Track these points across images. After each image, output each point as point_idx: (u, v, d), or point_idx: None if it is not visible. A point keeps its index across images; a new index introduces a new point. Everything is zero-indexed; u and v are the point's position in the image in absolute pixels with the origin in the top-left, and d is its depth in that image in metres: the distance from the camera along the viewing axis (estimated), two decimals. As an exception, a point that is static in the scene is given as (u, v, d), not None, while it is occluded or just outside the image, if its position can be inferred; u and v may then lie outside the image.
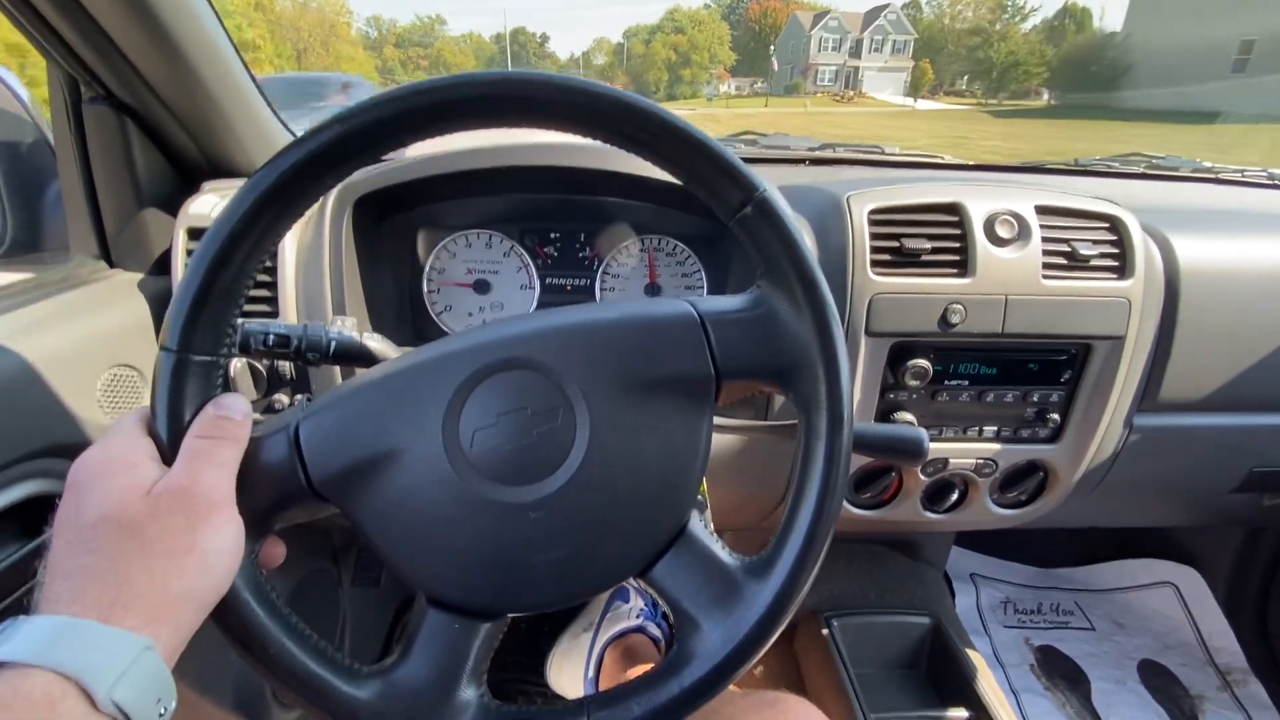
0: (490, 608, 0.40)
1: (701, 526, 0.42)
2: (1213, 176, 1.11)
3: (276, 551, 0.43)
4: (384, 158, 0.67)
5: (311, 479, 0.38)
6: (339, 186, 0.68)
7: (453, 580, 0.39)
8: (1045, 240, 0.73)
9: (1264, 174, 1.10)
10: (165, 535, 0.32)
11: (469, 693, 0.39)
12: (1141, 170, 1.12)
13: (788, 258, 0.40)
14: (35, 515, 0.61)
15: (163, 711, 0.30)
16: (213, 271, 0.35)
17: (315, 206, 0.63)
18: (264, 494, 0.38)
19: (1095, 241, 0.74)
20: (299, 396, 0.54)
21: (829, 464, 0.40)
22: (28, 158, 0.80)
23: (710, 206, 0.41)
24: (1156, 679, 1.30)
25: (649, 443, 0.40)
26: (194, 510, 0.33)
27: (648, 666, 0.95)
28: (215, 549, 0.33)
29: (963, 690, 0.94)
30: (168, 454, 0.36)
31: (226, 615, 0.36)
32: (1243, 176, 1.11)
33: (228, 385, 0.52)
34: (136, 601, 0.30)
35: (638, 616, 1.09)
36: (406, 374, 0.41)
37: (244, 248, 0.36)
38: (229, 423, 0.36)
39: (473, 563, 0.39)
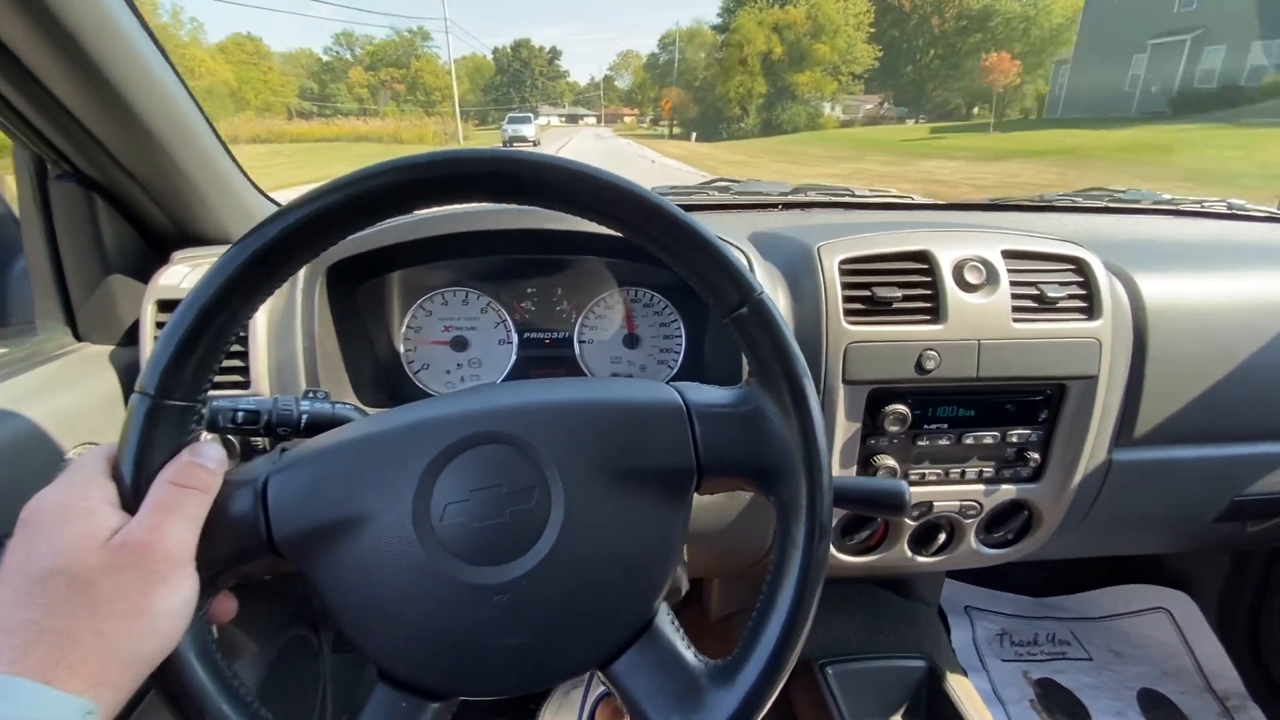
0: (441, 689, 0.39)
1: (669, 622, 0.41)
2: (1173, 209, 1.14)
3: (227, 607, 0.41)
4: None
5: (274, 536, 0.37)
6: None
7: (405, 656, 0.38)
8: (1013, 284, 0.74)
9: (1223, 204, 1.14)
10: (118, 595, 0.30)
11: None
12: (1105, 204, 1.15)
13: (780, 363, 0.40)
14: None
15: None
16: (203, 316, 0.35)
17: None
18: (222, 547, 0.37)
19: (1062, 284, 0.75)
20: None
21: (804, 574, 0.39)
22: (-7, 232, 0.79)
23: (706, 301, 0.42)
24: (1157, 709, 1.29)
25: (623, 532, 0.39)
26: (152, 569, 0.32)
27: None
28: (167, 610, 0.32)
29: (962, 735, 0.93)
30: (130, 500, 0.34)
31: (165, 674, 0.34)
32: (1202, 208, 1.14)
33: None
34: (81, 665, 0.29)
35: None
36: (383, 438, 0.40)
37: (238, 297, 0.35)
38: (203, 472, 0.35)
39: (428, 641, 0.38)
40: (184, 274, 0.74)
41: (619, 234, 0.41)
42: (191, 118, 0.73)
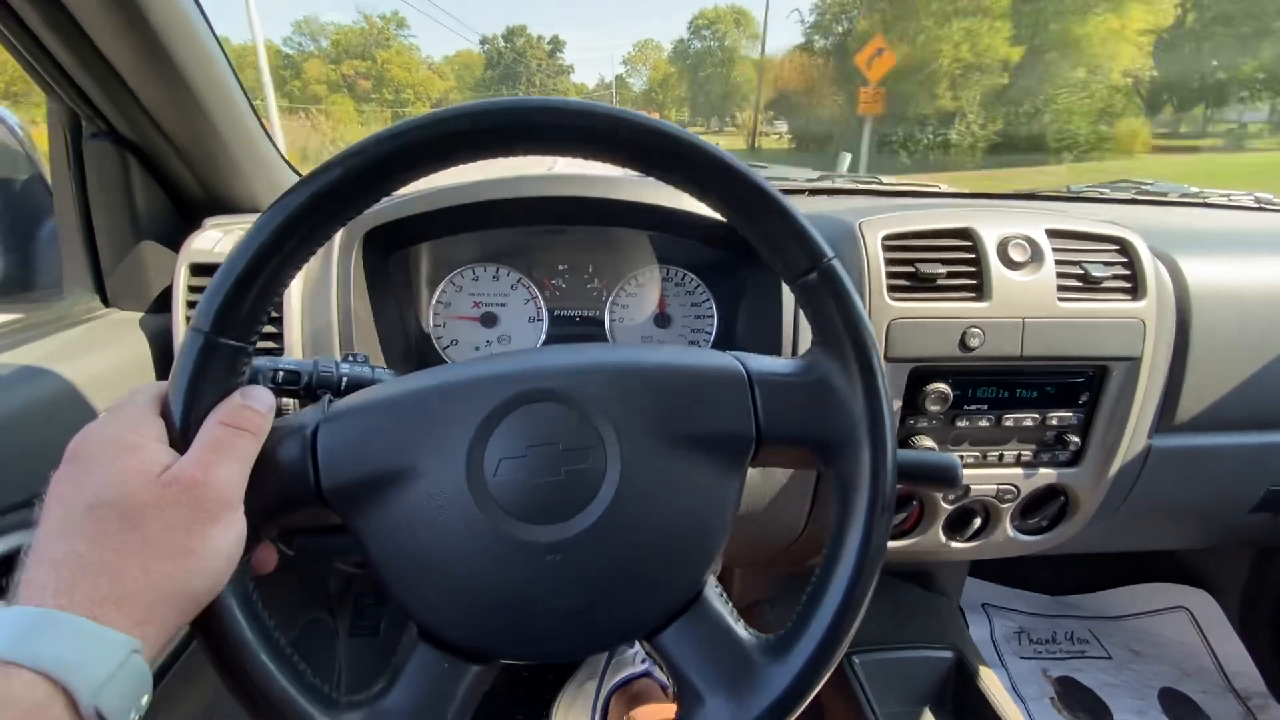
0: (485, 651, 0.38)
1: (717, 595, 0.40)
2: (1201, 201, 1.13)
3: (269, 557, 0.40)
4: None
5: (322, 485, 0.36)
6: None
7: (450, 616, 0.37)
8: (1058, 263, 0.73)
9: (1250, 198, 1.13)
10: (169, 531, 0.29)
11: None
12: (1132, 196, 1.14)
13: (847, 331, 0.39)
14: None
15: (135, 714, 0.28)
16: (261, 256, 0.34)
17: None
18: (269, 493, 0.36)
19: (1106, 263, 0.75)
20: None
21: (864, 549, 0.38)
22: (20, 194, 0.78)
23: (772, 264, 0.41)
24: (1179, 708, 1.27)
25: (677, 497, 0.38)
26: (203, 507, 0.31)
27: (652, 712, 0.91)
28: (217, 550, 0.31)
29: (992, 727, 0.91)
30: (179, 439, 0.33)
31: (208, 622, 0.33)
32: (1229, 200, 1.14)
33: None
34: (129, 600, 0.28)
35: (642, 662, 1.05)
36: (438, 391, 0.39)
37: (294, 240, 0.35)
38: (254, 415, 0.34)
39: (475, 601, 0.36)
40: (217, 239, 0.72)
41: (691, 195, 0.39)
42: (231, 83, 0.72)
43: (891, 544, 0.83)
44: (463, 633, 0.37)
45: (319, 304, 0.71)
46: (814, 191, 1.11)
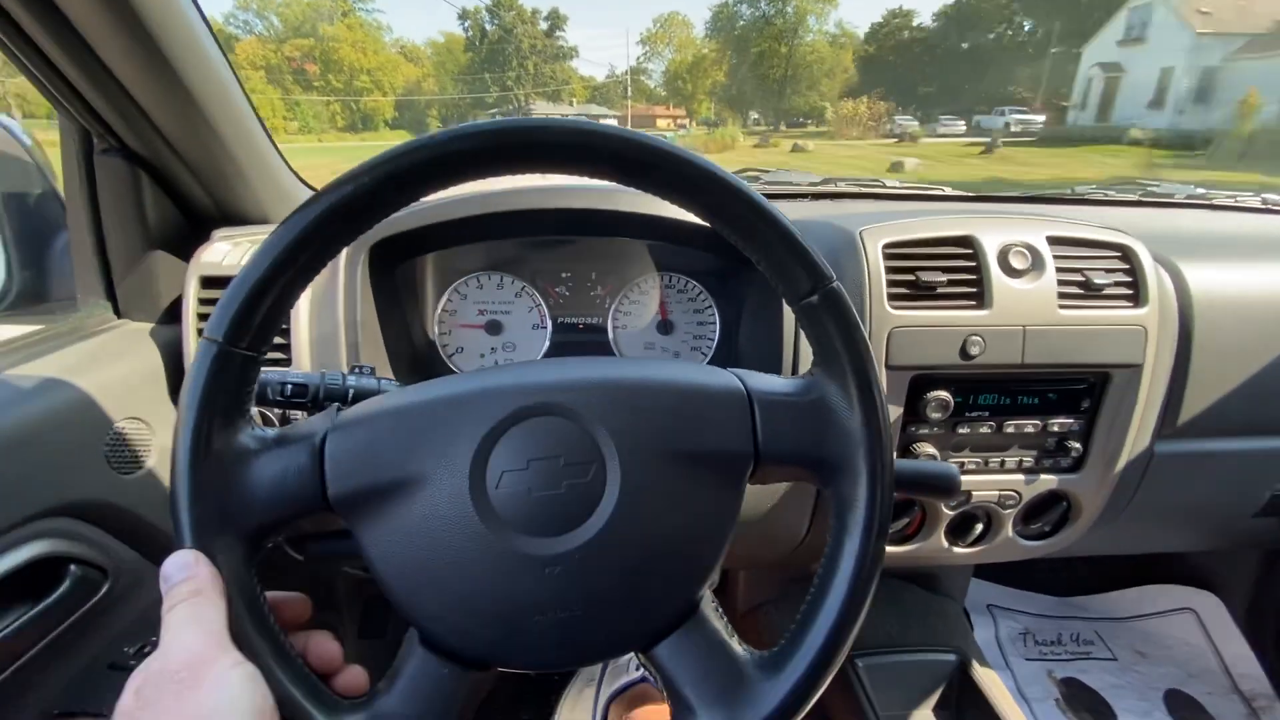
0: (482, 658, 0.38)
1: (713, 609, 0.40)
2: (1207, 203, 1.13)
3: (303, 611, 0.41)
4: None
5: (329, 492, 0.37)
6: None
7: (450, 624, 0.38)
8: (1059, 270, 0.73)
9: (1257, 199, 1.12)
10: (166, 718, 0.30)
11: None
12: (1138, 198, 1.14)
13: (848, 354, 0.39)
14: (42, 577, 0.58)
15: None
16: (275, 269, 0.35)
17: None
18: (278, 499, 0.37)
19: (1108, 270, 0.75)
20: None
21: (859, 570, 0.38)
22: (34, 208, 0.79)
23: (774, 284, 0.41)
24: (1183, 709, 1.27)
25: (676, 513, 0.39)
26: (180, 683, 0.31)
27: (652, 714, 0.92)
28: (215, 711, 0.31)
29: (995, 730, 0.92)
30: (190, 450, 0.35)
31: None
32: (1236, 202, 1.13)
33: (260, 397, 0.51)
34: None
35: (638, 668, 1.06)
36: (445, 402, 0.40)
37: (308, 253, 0.36)
38: (176, 588, 0.34)
39: (474, 610, 0.37)
40: (225, 251, 0.74)
41: (697, 215, 0.40)
42: (239, 98, 0.73)
43: (894, 549, 0.83)
44: (461, 640, 0.38)
45: (326, 314, 0.72)
46: (816, 195, 1.11)
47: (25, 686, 0.58)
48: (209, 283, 0.72)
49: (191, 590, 0.34)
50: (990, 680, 0.98)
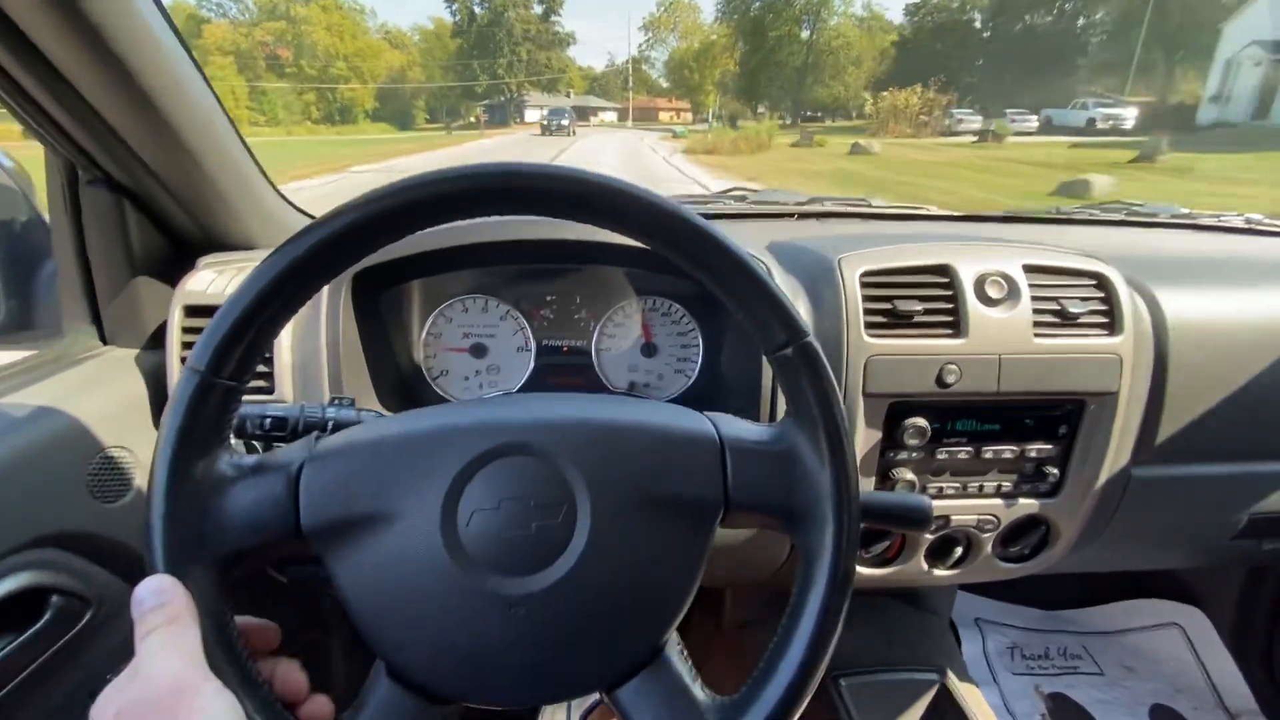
0: (447, 693, 0.39)
1: (678, 653, 0.41)
2: (1190, 223, 1.14)
3: (271, 637, 0.42)
4: None
5: (302, 523, 0.38)
6: None
7: (416, 658, 0.38)
8: (1035, 299, 0.74)
9: (1240, 219, 1.13)
10: None
11: None
12: (1122, 218, 1.15)
13: (820, 409, 0.40)
14: (24, 607, 0.59)
15: None
16: (260, 301, 0.36)
17: None
18: (250, 527, 0.37)
19: (1084, 299, 0.75)
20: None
21: (821, 622, 0.39)
22: (19, 234, 0.80)
23: (750, 333, 0.42)
24: (1169, 725, 1.28)
25: (644, 557, 0.40)
26: (164, 711, 0.31)
27: None
28: None
29: (976, 750, 0.92)
30: (167, 478, 0.35)
31: None
32: (1219, 222, 1.14)
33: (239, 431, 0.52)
34: None
35: None
36: (419, 437, 0.41)
37: (294, 284, 0.37)
38: (150, 613, 0.34)
39: (441, 644, 0.38)
40: (210, 279, 0.74)
41: (675, 262, 0.41)
42: (221, 126, 0.74)
43: (874, 572, 0.84)
44: (427, 674, 0.38)
45: (309, 341, 0.73)
46: (802, 215, 1.12)
47: (6, 717, 0.58)
48: (193, 311, 0.73)
49: (168, 616, 0.34)
50: (973, 699, 0.99)
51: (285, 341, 0.73)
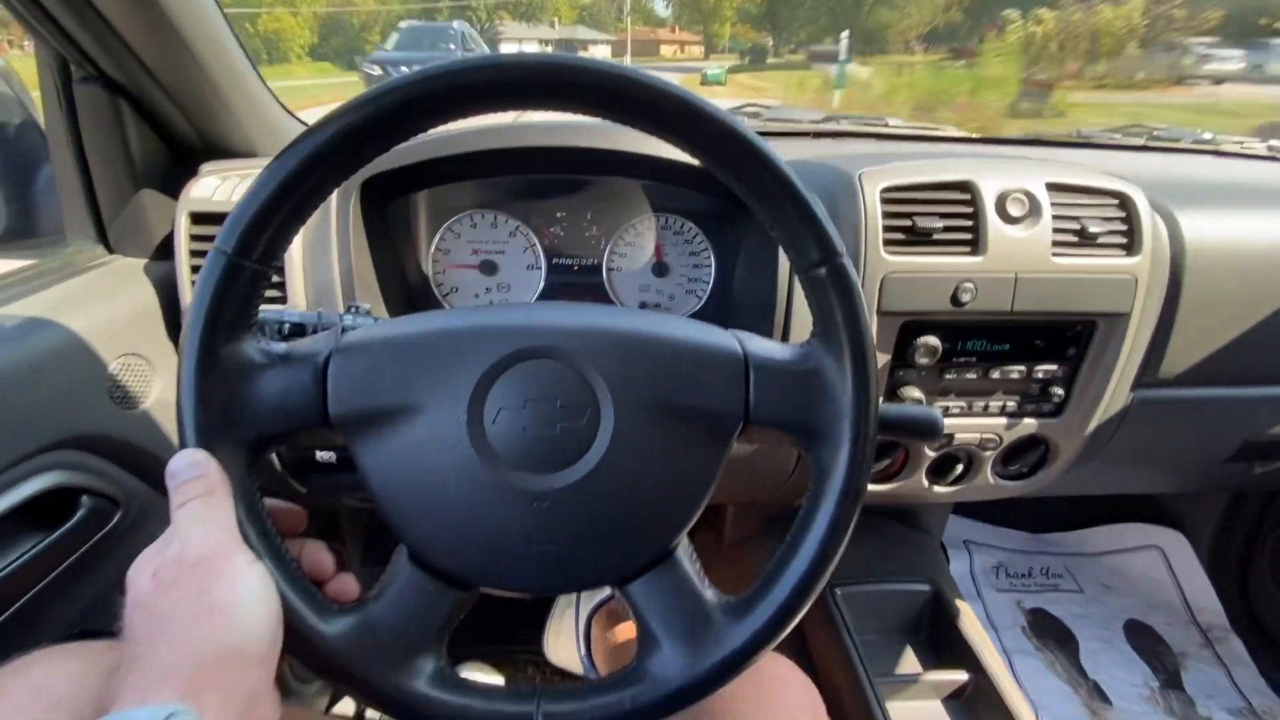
0: (468, 580, 0.41)
1: (688, 555, 0.42)
2: (1213, 149, 1.11)
3: (299, 520, 0.44)
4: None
5: (329, 412, 0.39)
6: None
7: (439, 545, 0.40)
8: (1056, 218, 0.73)
9: (1264, 146, 1.11)
10: (180, 606, 0.31)
11: (429, 654, 0.40)
12: (1143, 143, 1.12)
13: (848, 330, 0.40)
14: (52, 508, 0.60)
15: None
16: (290, 183, 0.36)
17: None
18: (279, 413, 0.38)
19: (1105, 219, 0.74)
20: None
21: (830, 532, 0.40)
22: (16, 141, 0.77)
23: (783, 248, 0.41)
24: (1141, 638, 1.36)
25: (662, 464, 0.40)
26: (197, 573, 0.32)
27: (631, 629, 0.99)
28: (235, 603, 0.32)
29: (962, 653, 0.98)
30: (197, 362, 0.35)
31: None
32: (1242, 148, 1.11)
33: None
34: (171, 675, 0.30)
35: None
36: (450, 335, 0.41)
37: (321, 170, 0.36)
38: (186, 484, 0.35)
39: (463, 534, 0.39)
40: (215, 186, 0.72)
41: (710, 170, 0.40)
42: (221, 28, 0.70)
43: (876, 488, 0.87)
44: (448, 561, 0.40)
45: (320, 256, 0.72)
46: (818, 134, 1.09)
47: (44, 610, 0.61)
48: (200, 219, 0.71)
49: (203, 488, 0.35)
50: (962, 609, 1.04)
51: (297, 256, 0.72)
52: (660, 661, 0.40)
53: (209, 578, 0.32)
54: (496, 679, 1.11)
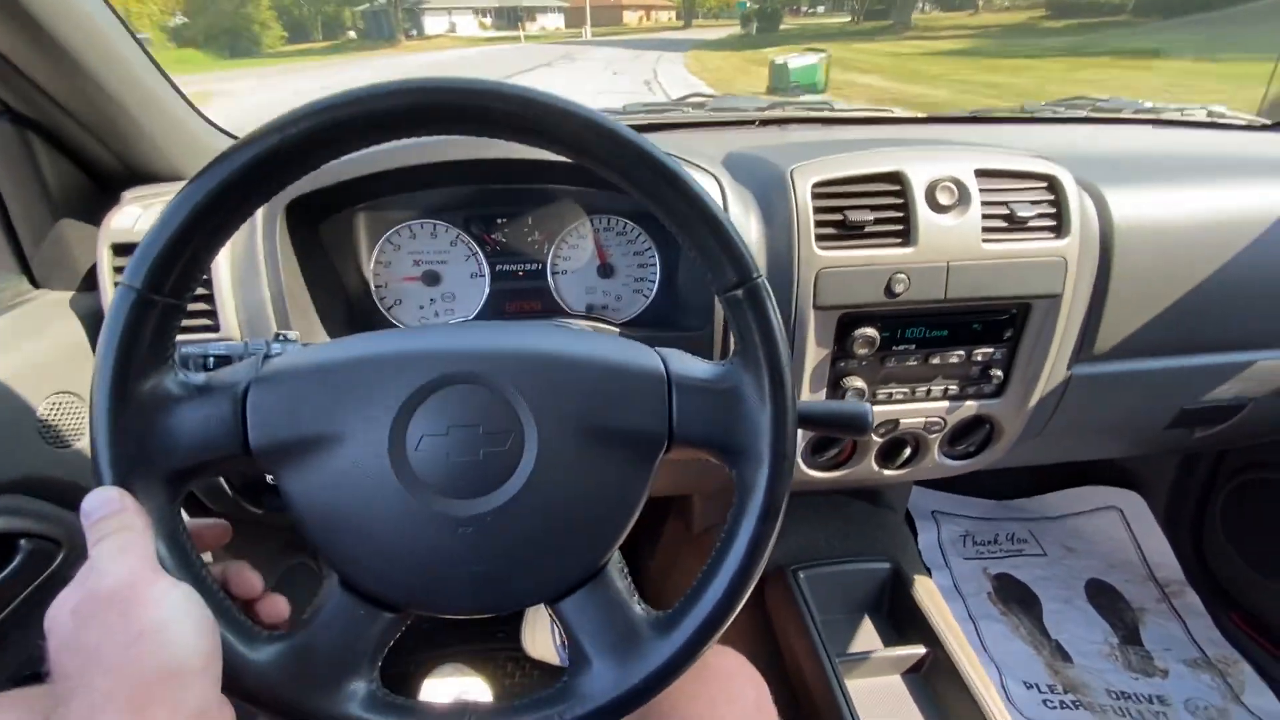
0: (398, 603, 0.41)
1: (619, 572, 0.43)
2: (1154, 118, 1.12)
3: (221, 535, 0.44)
4: None
5: (250, 442, 0.38)
6: None
7: (368, 571, 0.40)
8: (985, 204, 0.74)
9: (1203, 112, 1.12)
10: (106, 637, 0.31)
11: (360, 677, 0.40)
12: (1086, 114, 1.12)
13: (765, 350, 0.41)
14: None
15: None
16: (198, 215, 0.35)
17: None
18: (198, 445, 0.38)
19: (1033, 202, 0.75)
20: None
21: (751, 549, 0.41)
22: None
23: (702, 270, 0.42)
24: (1101, 596, 1.40)
25: (587, 485, 0.41)
26: (117, 603, 0.32)
27: None
28: (163, 622, 0.32)
29: (920, 626, 1.01)
30: (108, 411, 0.35)
31: None
32: (1182, 115, 1.12)
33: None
34: (110, 700, 0.30)
35: None
36: (370, 362, 0.41)
37: (232, 200, 0.36)
38: (100, 522, 0.34)
39: (392, 560, 0.40)
40: (137, 215, 0.71)
41: (629, 192, 0.40)
42: (124, 48, 0.68)
43: (829, 475, 0.88)
44: (378, 586, 0.40)
45: (250, 279, 0.71)
46: (764, 121, 1.08)
47: None
48: (121, 250, 0.70)
49: (118, 525, 0.34)
50: (921, 584, 1.07)
51: (226, 284, 0.71)
52: (589, 678, 0.41)
53: (131, 605, 0.32)
54: (474, 679, 1.13)
